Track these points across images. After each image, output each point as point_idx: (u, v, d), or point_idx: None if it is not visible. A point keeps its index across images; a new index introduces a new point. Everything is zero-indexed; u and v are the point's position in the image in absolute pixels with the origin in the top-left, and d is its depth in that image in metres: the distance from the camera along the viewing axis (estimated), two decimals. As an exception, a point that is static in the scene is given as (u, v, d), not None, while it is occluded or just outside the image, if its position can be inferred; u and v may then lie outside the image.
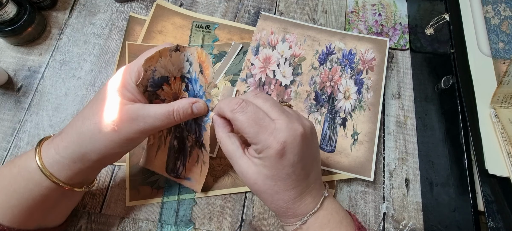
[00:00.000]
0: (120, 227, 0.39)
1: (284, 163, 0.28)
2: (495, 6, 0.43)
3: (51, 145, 0.30)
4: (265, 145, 0.28)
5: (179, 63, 0.33)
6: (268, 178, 0.29)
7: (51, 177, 0.29)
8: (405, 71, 0.49)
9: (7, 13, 0.43)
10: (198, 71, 0.33)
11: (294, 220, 0.31)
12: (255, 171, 0.29)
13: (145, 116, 0.30)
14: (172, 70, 0.33)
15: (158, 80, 0.32)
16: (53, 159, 0.29)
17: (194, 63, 0.33)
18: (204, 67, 0.32)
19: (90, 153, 0.29)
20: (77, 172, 0.30)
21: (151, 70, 0.31)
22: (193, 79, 0.33)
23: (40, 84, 0.45)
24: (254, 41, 0.48)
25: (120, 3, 0.51)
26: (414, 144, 0.45)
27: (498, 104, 0.37)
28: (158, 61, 0.31)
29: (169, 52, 0.31)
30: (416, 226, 0.40)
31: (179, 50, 0.32)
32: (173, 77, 0.33)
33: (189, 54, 0.32)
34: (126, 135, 0.29)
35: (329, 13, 0.52)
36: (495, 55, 0.40)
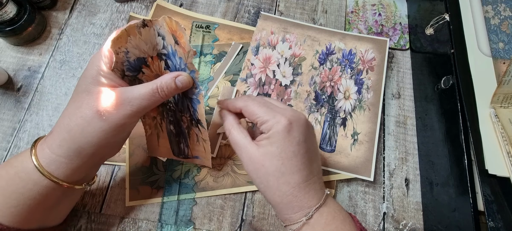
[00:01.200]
0: (120, 227, 0.39)
1: (291, 139, 0.31)
2: (495, 6, 0.43)
3: (44, 144, 0.29)
4: (274, 121, 0.31)
5: (151, 40, 0.31)
6: (275, 156, 0.30)
7: (50, 176, 0.29)
8: (405, 71, 0.49)
9: (7, 13, 0.43)
10: (173, 43, 0.30)
11: (299, 215, 0.30)
12: (263, 152, 0.31)
13: (130, 98, 0.29)
14: (146, 49, 0.31)
15: (135, 63, 0.31)
16: (49, 159, 0.29)
17: (167, 36, 0.30)
18: (177, 36, 0.30)
19: (84, 147, 0.29)
20: (75, 169, 0.30)
21: (123, 52, 0.29)
22: (171, 54, 0.31)
23: (40, 84, 0.45)
24: (254, 41, 0.48)
25: (120, 3, 0.51)
26: (414, 144, 0.45)
27: (498, 104, 0.37)
28: (128, 41, 0.29)
29: (137, 29, 0.29)
30: (416, 226, 0.40)
31: (147, 25, 0.30)
32: (150, 58, 0.32)
33: (159, 27, 0.30)
34: (115, 121, 0.29)
35: (329, 13, 0.52)
36: (495, 55, 0.40)
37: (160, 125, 0.38)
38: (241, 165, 0.42)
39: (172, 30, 0.30)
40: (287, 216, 0.31)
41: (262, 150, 0.31)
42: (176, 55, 0.31)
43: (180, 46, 0.30)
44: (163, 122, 0.38)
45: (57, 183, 0.29)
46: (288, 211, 0.31)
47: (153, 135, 0.39)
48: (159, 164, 0.42)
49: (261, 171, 0.31)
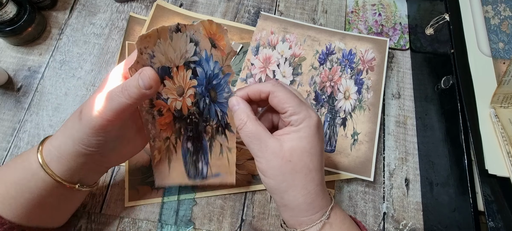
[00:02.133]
0: (120, 227, 0.39)
1: (320, 136, 0.30)
2: (495, 6, 0.43)
3: (50, 140, 0.30)
4: (307, 115, 0.29)
5: (181, 47, 0.28)
6: (306, 152, 0.29)
7: (48, 170, 0.29)
8: (405, 71, 0.49)
9: (7, 13, 0.43)
10: (210, 47, 0.29)
11: (318, 216, 0.29)
12: (290, 146, 0.29)
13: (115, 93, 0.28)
14: (174, 58, 0.29)
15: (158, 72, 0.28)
16: (48, 151, 0.30)
17: (201, 41, 0.29)
18: (217, 39, 0.28)
19: (77, 144, 0.29)
20: (70, 166, 0.30)
21: (148, 54, 0.27)
22: (203, 60, 0.30)
23: (40, 84, 0.45)
24: (254, 41, 0.48)
25: (120, 3, 0.51)
26: (414, 144, 0.45)
27: (498, 104, 0.37)
28: (157, 44, 0.27)
29: (169, 33, 0.27)
30: (416, 226, 0.40)
31: (180, 30, 0.27)
32: (175, 68, 0.29)
33: (193, 33, 0.28)
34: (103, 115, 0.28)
35: (329, 13, 0.52)
36: (495, 55, 0.40)
37: (173, 146, 0.35)
38: (241, 164, 0.42)
39: (211, 33, 0.28)
40: (306, 218, 0.30)
41: (289, 144, 0.29)
42: (211, 60, 0.30)
43: (218, 49, 0.29)
44: (179, 141, 0.35)
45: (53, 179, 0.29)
46: (308, 212, 0.29)
47: (163, 160, 0.36)
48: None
49: (287, 166, 0.29)
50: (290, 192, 0.29)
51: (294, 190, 0.29)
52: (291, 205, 0.29)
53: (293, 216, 0.30)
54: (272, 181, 0.29)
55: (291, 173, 0.29)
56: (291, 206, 0.30)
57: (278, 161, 0.29)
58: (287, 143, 0.29)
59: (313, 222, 0.29)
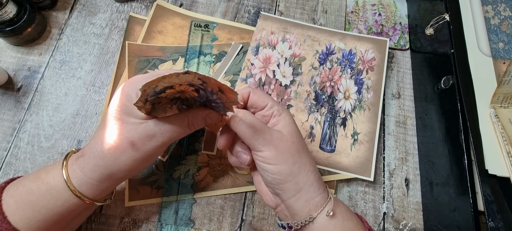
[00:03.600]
0: (120, 227, 0.39)
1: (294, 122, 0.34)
2: (495, 6, 0.43)
3: (76, 166, 0.30)
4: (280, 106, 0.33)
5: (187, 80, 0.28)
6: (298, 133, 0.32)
7: (81, 195, 0.30)
8: (405, 71, 0.49)
9: (7, 13, 0.43)
10: (217, 90, 0.29)
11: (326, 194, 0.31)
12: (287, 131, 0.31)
13: (162, 131, 0.30)
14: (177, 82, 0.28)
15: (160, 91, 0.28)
16: (81, 180, 0.30)
17: (208, 83, 0.28)
18: (225, 91, 0.29)
19: (116, 173, 0.30)
20: (104, 190, 0.31)
21: (152, 88, 0.27)
22: (208, 91, 0.29)
23: (40, 84, 0.45)
24: (254, 41, 0.48)
25: (120, 3, 0.51)
26: (414, 144, 0.45)
27: (498, 104, 0.37)
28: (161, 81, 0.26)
29: (176, 75, 0.26)
30: (416, 226, 0.40)
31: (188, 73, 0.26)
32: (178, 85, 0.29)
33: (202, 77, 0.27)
34: (147, 152, 0.30)
35: (329, 13, 0.52)
36: (495, 55, 0.40)
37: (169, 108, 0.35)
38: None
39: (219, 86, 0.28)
40: (319, 197, 0.31)
41: (286, 129, 0.31)
42: (215, 95, 0.29)
43: (224, 95, 0.29)
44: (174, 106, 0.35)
45: (85, 202, 0.31)
46: (320, 188, 0.31)
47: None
48: (159, 164, 0.41)
49: (293, 148, 0.31)
50: (303, 172, 0.31)
51: (305, 168, 0.31)
52: (306, 186, 0.30)
53: (309, 199, 0.31)
54: (284, 166, 0.30)
55: (298, 153, 0.31)
56: (305, 188, 0.30)
57: (285, 144, 0.31)
58: (284, 129, 0.31)
59: (325, 199, 0.31)
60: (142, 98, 0.28)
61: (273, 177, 0.31)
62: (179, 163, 0.42)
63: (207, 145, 0.43)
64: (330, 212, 0.30)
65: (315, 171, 0.32)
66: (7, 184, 0.31)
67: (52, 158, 0.41)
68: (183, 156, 0.42)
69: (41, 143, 0.42)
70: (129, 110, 0.30)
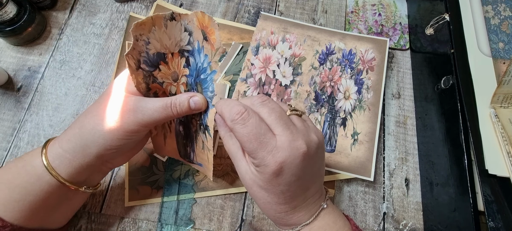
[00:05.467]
0: (120, 227, 0.39)
1: (280, 181, 0.27)
2: (495, 6, 0.43)
3: (56, 140, 0.31)
4: (262, 162, 0.27)
5: (176, 35, 0.29)
6: (263, 189, 0.29)
7: (54, 173, 0.29)
8: (405, 71, 0.49)
9: (7, 13, 0.43)
10: (202, 39, 0.29)
11: (286, 228, 0.31)
12: (251, 178, 0.29)
13: (143, 107, 0.30)
14: (169, 45, 0.30)
15: (153, 58, 0.30)
16: (56, 153, 0.30)
17: (194, 32, 0.29)
18: (208, 32, 0.29)
19: (90, 146, 0.30)
20: (77, 168, 0.30)
21: (143, 41, 0.28)
22: (196, 51, 0.30)
23: (40, 84, 0.45)
24: (254, 41, 0.48)
25: (120, 3, 0.51)
26: (414, 144, 0.45)
27: (498, 104, 0.37)
28: (152, 31, 0.28)
29: (164, 21, 0.28)
30: (416, 226, 0.40)
31: (175, 19, 0.28)
32: (170, 54, 0.30)
33: (187, 22, 0.29)
34: (125, 126, 0.29)
35: (329, 13, 0.52)
36: (495, 55, 0.40)
37: (168, 125, 0.37)
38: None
39: (203, 25, 0.29)
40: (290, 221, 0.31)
41: (251, 176, 0.29)
42: (202, 52, 0.30)
43: (209, 43, 0.29)
44: (172, 123, 0.37)
45: (59, 182, 0.30)
46: (277, 224, 0.32)
47: (159, 135, 0.38)
48: (159, 164, 0.41)
49: (251, 190, 0.30)
50: (259, 206, 0.31)
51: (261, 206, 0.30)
52: (271, 214, 0.31)
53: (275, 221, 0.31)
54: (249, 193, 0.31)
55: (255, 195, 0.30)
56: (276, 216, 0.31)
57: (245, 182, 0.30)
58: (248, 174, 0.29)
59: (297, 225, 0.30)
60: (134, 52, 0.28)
61: None
62: (179, 163, 0.42)
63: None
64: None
65: (270, 215, 0.31)
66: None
67: (52, 158, 0.42)
68: (183, 156, 0.42)
69: (41, 143, 0.42)
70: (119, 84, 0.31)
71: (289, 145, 0.27)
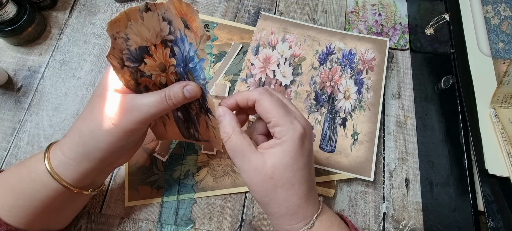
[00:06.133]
0: (120, 227, 0.39)
1: (304, 149, 0.29)
2: (495, 6, 0.43)
3: (57, 147, 0.30)
4: (290, 127, 0.28)
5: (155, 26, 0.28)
6: (288, 168, 0.28)
7: (59, 179, 0.29)
8: (405, 71, 0.49)
9: (7, 13, 0.43)
10: (183, 27, 0.28)
11: (301, 225, 0.30)
12: (273, 162, 0.28)
13: (139, 104, 0.29)
14: (149, 37, 0.28)
15: (136, 52, 0.28)
16: (59, 160, 0.29)
17: (174, 20, 0.28)
18: (189, 20, 0.27)
19: (93, 152, 0.30)
20: (82, 173, 0.30)
21: (122, 38, 0.27)
22: (179, 39, 0.29)
23: (40, 84, 0.45)
24: (254, 41, 0.48)
25: (120, 3, 0.51)
26: (414, 144, 0.45)
27: (498, 104, 0.37)
28: (128, 26, 0.27)
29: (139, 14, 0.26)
30: (416, 226, 0.40)
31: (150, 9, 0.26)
32: (153, 46, 0.29)
33: (164, 11, 0.27)
34: (124, 126, 0.29)
35: (329, 13, 0.52)
36: (495, 55, 0.40)
37: (166, 114, 0.36)
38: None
39: (182, 13, 0.27)
40: (289, 227, 0.30)
41: (272, 160, 0.28)
42: (186, 41, 0.29)
43: (191, 31, 0.28)
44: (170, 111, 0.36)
45: (65, 187, 0.30)
46: (291, 221, 0.30)
47: (158, 124, 0.38)
48: (159, 164, 0.42)
49: (268, 183, 0.28)
50: (272, 205, 0.29)
51: (276, 203, 0.29)
52: (275, 215, 0.30)
53: (278, 224, 0.31)
54: (255, 194, 0.30)
55: (272, 188, 0.29)
56: (275, 217, 0.30)
57: (260, 177, 0.28)
58: (270, 159, 0.28)
59: (297, 230, 0.30)
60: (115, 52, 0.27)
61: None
62: (179, 163, 0.42)
63: (207, 144, 0.43)
64: None
65: (289, 206, 0.29)
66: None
67: (52, 158, 0.41)
68: (183, 156, 0.42)
69: (41, 143, 0.42)
70: (109, 85, 0.30)
71: (303, 116, 0.31)
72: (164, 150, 0.42)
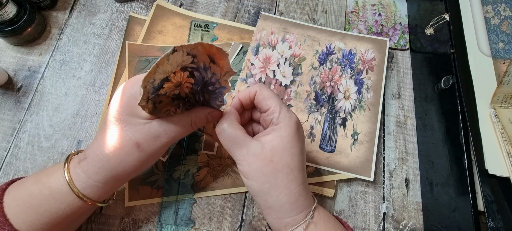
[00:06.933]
0: (120, 227, 0.39)
1: (299, 136, 0.31)
2: (495, 6, 0.43)
3: (79, 169, 0.30)
4: (287, 114, 0.31)
5: (178, 61, 0.28)
6: (286, 151, 0.29)
7: (86, 199, 0.30)
8: (405, 71, 0.49)
9: (7, 13, 0.43)
10: (208, 61, 0.29)
11: (302, 216, 0.30)
12: (271, 146, 0.29)
13: (167, 130, 0.30)
14: (171, 70, 0.29)
15: (158, 85, 0.29)
16: (85, 183, 0.30)
17: (199, 56, 0.29)
18: (216, 58, 0.28)
19: (121, 175, 0.31)
20: (108, 191, 0.32)
21: (150, 83, 0.27)
22: (201, 68, 0.30)
23: (40, 84, 0.45)
24: (254, 41, 0.48)
25: (120, 3, 0.51)
26: (414, 144, 0.45)
27: (498, 104, 0.37)
28: (156, 71, 0.27)
29: (166, 57, 0.27)
30: (416, 226, 0.40)
31: (176, 50, 0.27)
32: (172, 73, 0.29)
33: (190, 49, 0.28)
34: (152, 152, 0.31)
35: (329, 13, 0.52)
36: (495, 55, 0.40)
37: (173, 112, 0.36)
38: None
39: (210, 52, 0.28)
40: (290, 218, 0.30)
41: (271, 144, 0.29)
42: (209, 70, 0.30)
43: (217, 66, 0.29)
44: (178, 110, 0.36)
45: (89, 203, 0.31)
46: (292, 212, 0.29)
47: None
48: (159, 164, 0.41)
49: (268, 167, 0.29)
50: (273, 193, 0.29)
51: (277, 190, 0.29)
52: (275, 206, 0.30)
53: (278, 218, 0.30)
54: (255, 183, 0.30)
55: (273, 173, 0.29)
56: (275, 208, 0.30)
57: (260, 162, 0.29)
58: (268, 144, 0.29)
59: (298, 222, 0.29)
60: (144, 96, 0.28)
61: (247, 188, 0.32)
62: (179, 163, 0.42)
63: (207, 144, 0.43)
64: None
65: (290, 194, 0.29)
66: (7, 186, 0.31)
67: (52, 158, 0.41)
68: (183, 156, 0.42)
69: (41, 143, 0.42)
70: (132, 111, 0.30)
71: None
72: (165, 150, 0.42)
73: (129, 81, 0.31)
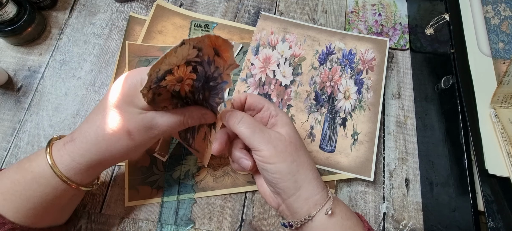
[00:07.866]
0: (120, 227, 0.39)
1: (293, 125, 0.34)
2: (495, 6, 0.43)
3: (63, 151, 0.30)
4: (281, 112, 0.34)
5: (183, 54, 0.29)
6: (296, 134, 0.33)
7: (69, 182, 0.30)
8: (405, 71, 0.49)
9: (7, 13, 0.43)
10: (213, 54, 0.30)
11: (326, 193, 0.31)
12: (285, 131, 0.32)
13: (159, 124, 0.31)
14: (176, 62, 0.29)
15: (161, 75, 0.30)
16: (69, 166, 0.30)
17: (204, 49, 0.29)
18: (221, 50, 0.29)
19: (107, 159, 0.31)
20: (92, 174, 0.32)
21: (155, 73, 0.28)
22: (205, 62, 0.30)
23: (40, 84, 0.45)
24: (254, 41, 0.48)
25: (120, 3, 0.51)
26: (414, 144, 0.45)
27: (498, 104, 0.37)
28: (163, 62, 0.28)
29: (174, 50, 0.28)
30: (416, 226, 0.40)
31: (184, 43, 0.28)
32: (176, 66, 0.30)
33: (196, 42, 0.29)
34: (141, 141, 0.31)
35: (329, 13, 0.52)
36: (495, 55, 0.40)
37: None
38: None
39: (216, 45, 0.29)
40: (319, 195, 0.30)
41: (283, 129, 0.32)
42: (212, 64, 0.31)
43: (221, 58, 0.30)
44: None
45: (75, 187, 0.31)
46: (319, 188, 0.31)
47: None
48: (159, 164, 0.42)
49: (291, 146, 0.31)
50: (301, 170, 0.31)
51: (303, 166, 0.31)
52: (305, 184, 0.31)
53: (308, 197, 0.31)
54: (284, 164, 0.30)
55: (296, 151, 0.31)
56: (305, 186, 0.31)
57: (283, 143, 0.31)
58: (281, 129, 0.32)
59: (325, 198, 0.31)
60: (147, 84, 0.28)
61: (273, 176, 0.31)
62: (179, 163, 0.42)
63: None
64: (329, 210, 0.30)
65: (314, 169, 0.32)
66: None
67: (52, 158, 0.41)
68: (183, 156, 0.42)
69: (41, 143, 0.42)
70: (130, 100, 0.30)
71: None
72: (164, 150, 0.42)
73: (132, 71, 0.32)
